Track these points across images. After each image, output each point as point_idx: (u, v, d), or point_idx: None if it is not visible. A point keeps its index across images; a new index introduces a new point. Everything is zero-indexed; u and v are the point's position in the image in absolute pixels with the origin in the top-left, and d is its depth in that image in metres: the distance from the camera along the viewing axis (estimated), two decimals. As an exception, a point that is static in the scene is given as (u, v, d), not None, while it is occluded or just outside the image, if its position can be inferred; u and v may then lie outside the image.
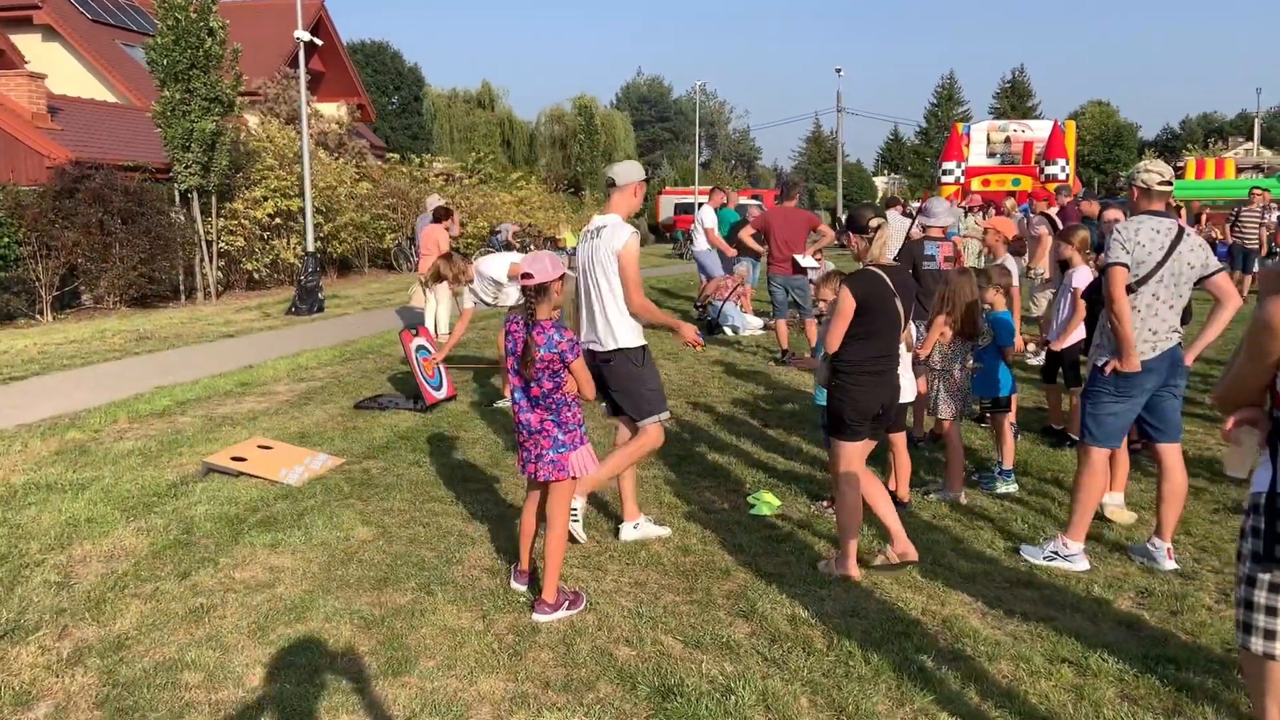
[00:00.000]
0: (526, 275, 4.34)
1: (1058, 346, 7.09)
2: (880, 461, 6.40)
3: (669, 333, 5.09)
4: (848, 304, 4.70)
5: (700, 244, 14.35)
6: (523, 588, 4.74)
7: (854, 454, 4.88)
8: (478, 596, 4.70)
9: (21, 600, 4.62)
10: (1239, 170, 33.68)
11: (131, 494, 6.24)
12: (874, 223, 4.85)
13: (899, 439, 5.96)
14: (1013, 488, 6.33)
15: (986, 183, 31.27)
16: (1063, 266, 7.05)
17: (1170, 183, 5.15)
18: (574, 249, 6.38)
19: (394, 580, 4.88)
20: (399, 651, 4.13)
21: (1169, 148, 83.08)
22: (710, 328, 13.51)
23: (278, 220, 19.66)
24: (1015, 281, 8.21)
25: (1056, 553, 5.05)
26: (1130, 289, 4.94)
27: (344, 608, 4.55)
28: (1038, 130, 33.04)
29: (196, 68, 16.87)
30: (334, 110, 29.09)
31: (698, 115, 49.39)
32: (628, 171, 5.33)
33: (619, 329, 5.24)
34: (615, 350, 5.24)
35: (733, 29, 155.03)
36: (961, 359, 6.21)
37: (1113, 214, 8.06)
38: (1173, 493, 5.13)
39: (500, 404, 8.84)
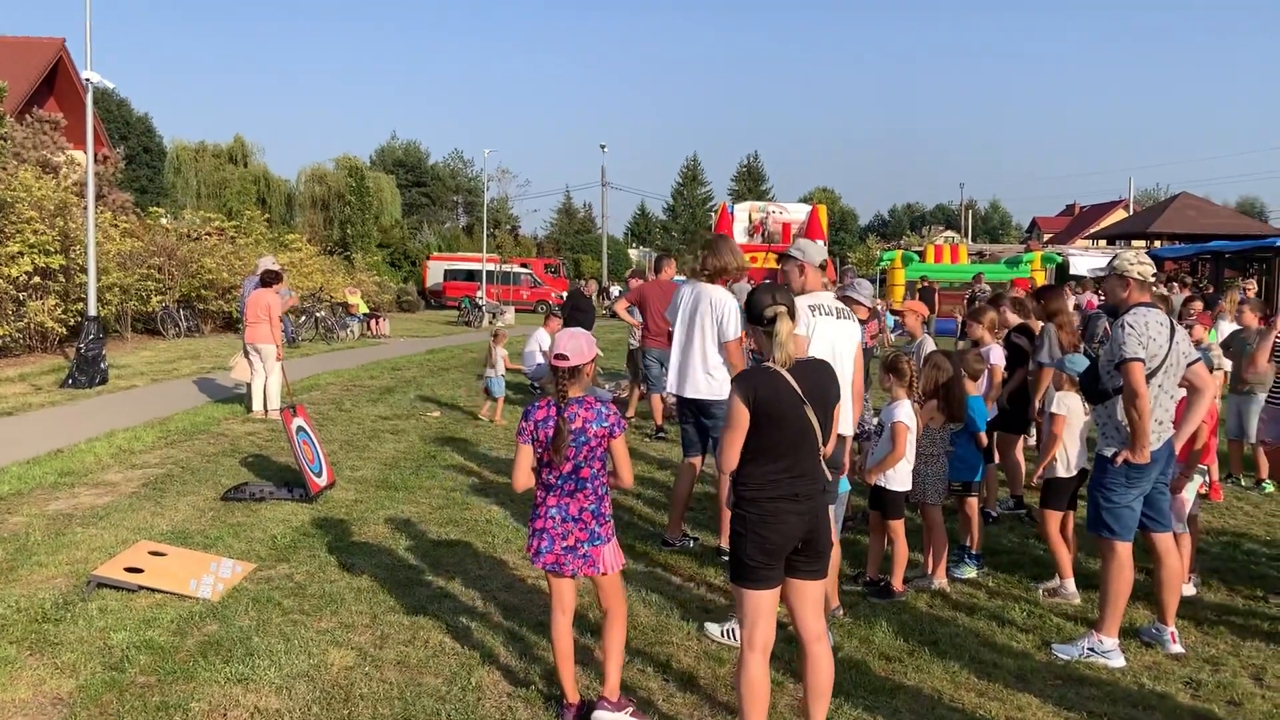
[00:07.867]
0: (561, 356, 3.99)
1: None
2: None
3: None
4: (738, 412, 3.65)
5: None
6: (579, 726, 4.16)
7: (762, 605, 3.69)
8: (530, 732, 4.08)
9: (-46, 782, 3.54)
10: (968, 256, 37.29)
11: (10, 620, 5.06)
12: (770, 312, 3.73)
13: (898, 525, 5.87)
14: (974, 573, 6.34)
15: (754, 259, 32.90)
16: None
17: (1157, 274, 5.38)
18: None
19: None
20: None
21: (883, 234, 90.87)
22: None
23: (35, 279, 17.38)
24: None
25: (1093, 649, 5.01)
26: None
27: (383, 759, 3.80)
28: (794, 212, 35.23)
29: (-50, 104, 14.80)
30: (82, 159, 26.34)
31: (487, 187, 48.88)
32: (822, 251, 5.55)
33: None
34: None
35: (493, 98, 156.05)
36: (945, 443, 6.19)
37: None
38: (1170, 579, 5.27)
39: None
